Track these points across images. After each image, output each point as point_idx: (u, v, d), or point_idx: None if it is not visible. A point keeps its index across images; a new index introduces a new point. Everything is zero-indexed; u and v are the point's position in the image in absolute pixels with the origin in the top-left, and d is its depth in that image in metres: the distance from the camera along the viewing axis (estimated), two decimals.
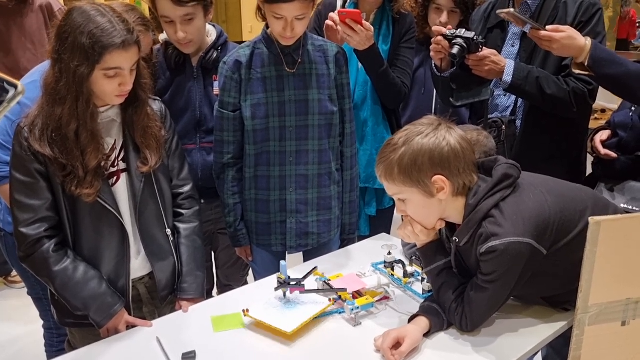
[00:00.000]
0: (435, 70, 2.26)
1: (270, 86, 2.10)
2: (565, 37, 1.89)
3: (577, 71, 1.96)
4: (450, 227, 1.68)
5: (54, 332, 2.48)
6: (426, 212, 1.63)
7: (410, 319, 1.66)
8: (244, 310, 1.72)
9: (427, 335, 1.62)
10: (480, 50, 2.10)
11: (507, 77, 2.10)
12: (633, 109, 2.23)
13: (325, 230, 2.27)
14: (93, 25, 1.60)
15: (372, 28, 2.31)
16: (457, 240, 1.62)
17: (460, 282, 1.65)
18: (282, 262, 1.79)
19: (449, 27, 2.17)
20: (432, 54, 2.21)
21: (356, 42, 2.26)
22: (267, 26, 2.10)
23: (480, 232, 1.55)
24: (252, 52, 2.11)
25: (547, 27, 1.92)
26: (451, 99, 2.25)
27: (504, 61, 2.12)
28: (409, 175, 1.57)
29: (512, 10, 1.99)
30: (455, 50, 2.09)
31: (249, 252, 2.32)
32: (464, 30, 2.11)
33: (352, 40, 2.25)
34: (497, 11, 2.13)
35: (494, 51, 2.14)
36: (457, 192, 1.59)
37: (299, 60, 2.11)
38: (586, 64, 1.91)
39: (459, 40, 2.09)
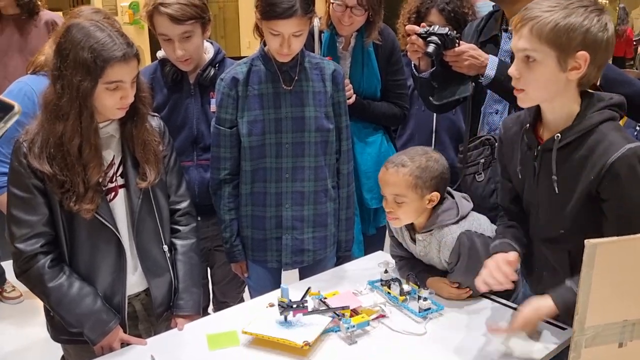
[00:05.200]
0: (414, 70, 2.23)
1: (266, 103, 2.11)
2: None
3: (589, 91, 1.95)
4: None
5: None
6: (545, 84, 1.55)
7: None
8: (243, 331, 1.70)
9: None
10: (457, 45, 2.07)
11: (491, 71, 2.06)
12: (638, 127, 2.23)
13: (321, 247, 2.26)
14: (93, 40, 1.62)
15: (350, 87, 2.43)
16: (560, 137, 1.56)
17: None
18: (283, 286, 1.78)
19: (423, 24, 2.14)
20: (408, 54, 2.18)
21: None
22: (264, 43, 2.11)
23: (595, 140, 1.52)
24: (249, 69, 2.12)
25: None
26: (431, 98, 2.20)
27: (485, 55, 2.08)
28: (559, 37, 1.48)
29: None
30: (430, 48, 2.05)
31: (244, 268, 2.31)
32: (437, 26, 2.08)
33: None
34: (511, 28, 2.11)
35: (472, 45, 2.11)
36: (582, 83, 1.55)
37: (296, 78, 2.12)
38: (598, 83, 1.89)
39: (434, 38, 2.05)
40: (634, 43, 6.88)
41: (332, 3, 2.41)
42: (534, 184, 1.68)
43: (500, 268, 1.63)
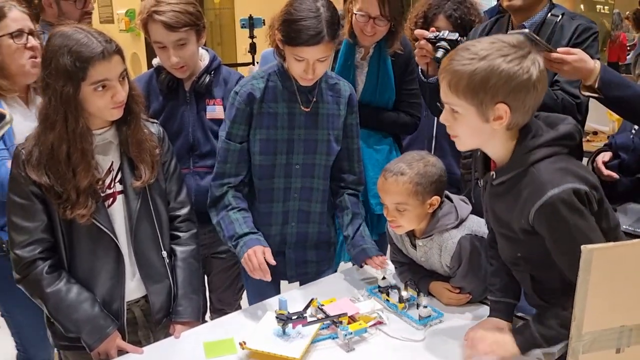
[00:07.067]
0: (422, 75, 2.22)
1: (281, 123, 2.06)
2: (577, 60, 1.87)
3: (586, 93, 1.95)
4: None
5: None
6: (472, 134, 1.54)
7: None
8: (240, 343, 1.68)
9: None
10: None
11: None
12: (633, 130, 2.24)
13: (324, 259, 2.25)
14: (72, 42, 1.63)
15: None
16: (494, 176, 1.56)
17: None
18: (281, 298, 1.77)
19: (432, 29, 2.13)
20: (416, 58, 2.17)
21: None
22: (283, 58, 2.02)
23: (526, 182, 1.48)
24: (265, 85, 2.05)
25: (559, 50, 1.89)
26: (438, 104, 2.20)
27: None
28: (475, 92, 1.44)
29: (526, 31, 1.89)
30: (439, 53, 2.04)
31: (269, 254, 1.95)
32: (447, 32, 2.08)
33: None
34: (510, 32, 2.10)
35: None
36: (511, 128, 1.50)
37: (314, 99, 2.07)
38: (596, 86, 1.89)
39: (443, 43, 2.04)
40: (628, 48, 6.91)
41: (355, 14, 2.40)
42: (486, 212, 1.69)
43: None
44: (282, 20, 1.92)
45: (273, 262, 1.91)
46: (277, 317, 1.73)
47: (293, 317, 1.73)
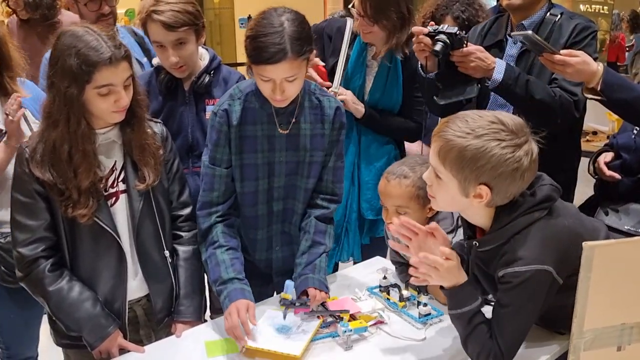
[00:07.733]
0: (421, 70, 2.21)
1: (261, 146, 1.94)
2: (580, 62, 1.87)
3: (589, 95, 1.95)
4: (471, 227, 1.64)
5: None
6: (450, 202, 1.56)
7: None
8: (247, 346, 1.68)
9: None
10: (465, 45, 2.05)
11: (498, 75, 2.04)
12: (635, 131, 2.23)
13: None
14: (81, 44, 1.63)
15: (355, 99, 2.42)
16: (477, 245, 1.57)
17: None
18: (287, 282, 1.74)
19: (431, 23, 2.12)
20: (416, 53, 2.16)
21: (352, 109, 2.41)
22: None
23: (505, 250, 1.50)
24: (243, 107, 1.91)
25: (562, 52, 1.89)
26: (435, 98, 2.16)
27: (492, 59, 2.06)
28: (461, 167, 1.46)
29: (530, 32, 1.91)
30: (437, 46, 2.02)
31: (253, 311, 1.79)
32: (446, 25, 2.06)
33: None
34: (512, 33, 2.09)
35: (480, 47, 2.09)
36: (489, 206, 1.53)
37: (293, 120, 1.93)
38: (598, 88, 1.89)
39: (442, 37, 2.02)
40: (627, 49, 6.92)
41: (349, 9, 2.40)
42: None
43: None
44: (246, 37, 1.79)
45: (255, 322, 1.76)
46: (280, 301, 1.73)
47: (297, 304, 1.73)
